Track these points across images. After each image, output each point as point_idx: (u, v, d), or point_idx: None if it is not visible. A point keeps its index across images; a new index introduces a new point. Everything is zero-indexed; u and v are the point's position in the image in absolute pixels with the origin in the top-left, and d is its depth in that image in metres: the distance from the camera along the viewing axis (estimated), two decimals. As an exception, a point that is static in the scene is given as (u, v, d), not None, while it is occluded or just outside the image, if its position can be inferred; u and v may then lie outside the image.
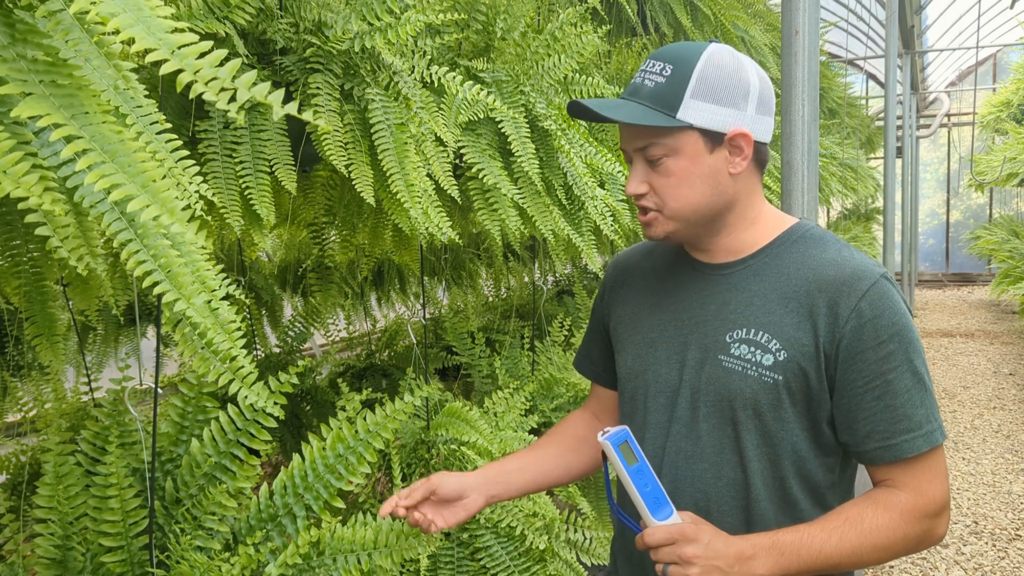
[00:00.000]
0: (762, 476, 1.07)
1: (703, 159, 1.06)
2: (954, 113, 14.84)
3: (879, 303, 1.02)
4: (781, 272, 1.09)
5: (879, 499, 1.04)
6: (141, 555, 1.31)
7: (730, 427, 1.08)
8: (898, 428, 1.02)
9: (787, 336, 1.05)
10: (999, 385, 6.69)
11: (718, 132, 1.06)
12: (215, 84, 0.63)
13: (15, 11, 0.69)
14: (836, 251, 1.08)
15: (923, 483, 1.04)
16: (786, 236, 1.12)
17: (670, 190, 1.07)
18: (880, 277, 1.04)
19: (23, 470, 1.73)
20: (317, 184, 1.82)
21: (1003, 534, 3.77)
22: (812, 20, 1.69)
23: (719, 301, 1.11)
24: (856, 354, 1.02)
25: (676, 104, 1.04)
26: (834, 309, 1.03)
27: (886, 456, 1.03)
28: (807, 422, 1.06)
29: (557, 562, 1.97)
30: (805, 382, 1.04)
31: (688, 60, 1.05)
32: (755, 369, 1.05)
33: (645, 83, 1.06)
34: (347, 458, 1.45)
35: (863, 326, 1.02)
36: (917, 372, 1.03)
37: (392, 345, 3.51)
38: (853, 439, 1.05)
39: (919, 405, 1.03)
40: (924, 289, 14.03)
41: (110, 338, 2.54)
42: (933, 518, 1.04)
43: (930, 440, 1.03)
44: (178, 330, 0.86)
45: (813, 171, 1.75)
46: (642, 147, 1.08)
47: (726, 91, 1.05)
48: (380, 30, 1.28)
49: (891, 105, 5.19)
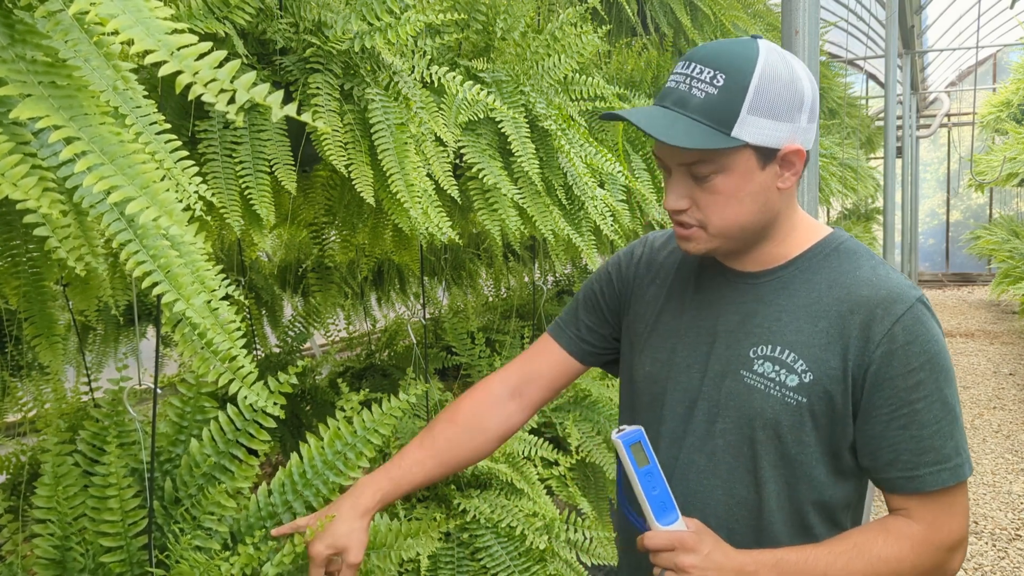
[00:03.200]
0: (777, 499, 1.03)
1: (754, 176, 1.00)
2: (954, 113, 14.83)
3: (913, 328, 0.98)
4: (812, 288, 1.03)
5: (892, 528, 1.00)
6: (140, 555, 1.31)
7: (747, 446, 1.04)
8: (923, 460, 0.98)
9: (815, 357, 1.00)
10: (999, 385, 6.69)
11: (772, 148, 0.99)
12: (214, 85, 0.63)
13: (14, 11, 0.69)
14: (871, 269, 1.03)
15: (941, 517, 0.99)
16: (819, 248, 1.07)
17: (717, 208, 1.01)
18: (916, 301, 0.99)
19: (22, 470, 1.73)
20: (317, 184, 1.82)
21: (1003, 534, 3.77)
22: (812, 20, 1.69)
23: (745, 312, 1.06)
24: (884, 380, 0.98)
25: (732, 121, 0.96)
26: (866, 332, 0.98)
27: (908, 487, 1.00)
28: (828, 447, 1.02)
29: (557, 562, 1.97)
30: (830, 406, 1.00)
31: (743, 69, 0.96)
32: (778, 389, 1.01)
33: (694, 92, 0.97)
34: (345, 454, 1.45)
35: (894, 352, 0.97)
36: (947, 403, 0.98)
37: (392, 345, 3.51)
38: (874, 465, 1.01)
39: (948, 437, 0.98)
40: (924, 289, 14.03)
41: (110, 338, 2.54)
42: (947, 551, 1.00)
43: (956, 475, 0.98)
44: (178, 330, 0.85)
45: (813, 171, 1.75)
46: (689, 163, 1.00)
47: (784, 105, 0.98)
48: (380, 30, 1.28)
49: (891, 105, 5.19)
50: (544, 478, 2.18)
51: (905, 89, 9.76)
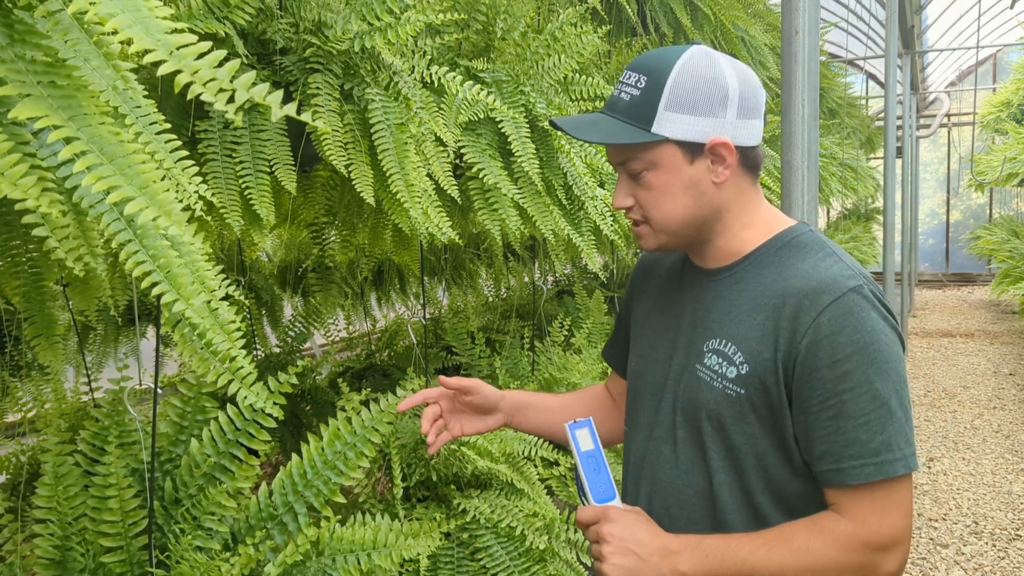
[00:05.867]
0: (728, 488, 1.05)
1: (683, 171, 1.04)
2: (954, 113, 14.83)
3: (840, 319, 0.96)
4: (759, 282, 1.06)
5: (819, 522, 1.00)
6: (140, 555, 1.31)
7: (699, 437, 1.07)
8: (848, 453, 0.96)
9: (751, 349, 1.02)
10: (999, 385, 6.69)
11: (696, 143, 1.03)
12: (213, 85, 0.63)
13: (14, 11, 0.69)
14: (814, 261, 1.03)
15: (869, 514, 0.97)
16: (773, 243, 1.09)
17: (652, 203, 1.06)
18: (848, 291, 0.98)
19: (23, 470, 1.73)
20: (317, 184, 1.82)
21: (1003, 534, 3.77)
22: (812, 20, 1.69)
23: (705, 308, 1.10)
24: (811, 371, 0.97)
25: (651, 117, 1.02)
26: (794, 323, 0.99)
27: (834, 480, 0.98)
28: (775, 437, 1.02)
29: (557, 562, 1.96)
30: (767, 397, 1.01)
31: (661, 70, 1.02)
32: (720, 381, 1.04)
33: (621, 96, 1.05)
34: (345, 454, 1.45)
35: (820, 342, 0.96)
36: (879, 395, 0.96)
37: (392, 345, 3.51)
38: (810, 457, 1.01)
39: (877, 431, 0.95)
40: (924, 289, 14.03)
41: (110, 338, 2.54)
42: (876, 552, 0.97)
43: (883, 470, 0.95)
44: (177, 330, 0.85)
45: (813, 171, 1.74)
46: (622, 161, 1.07)
47: (703, 99, 1.02)
48: (380, 30, 1.28)
49: (891, 105, 5.19)
50: (544, 478, 2.18)
51: (905, 89, 9.76)
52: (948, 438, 5.28)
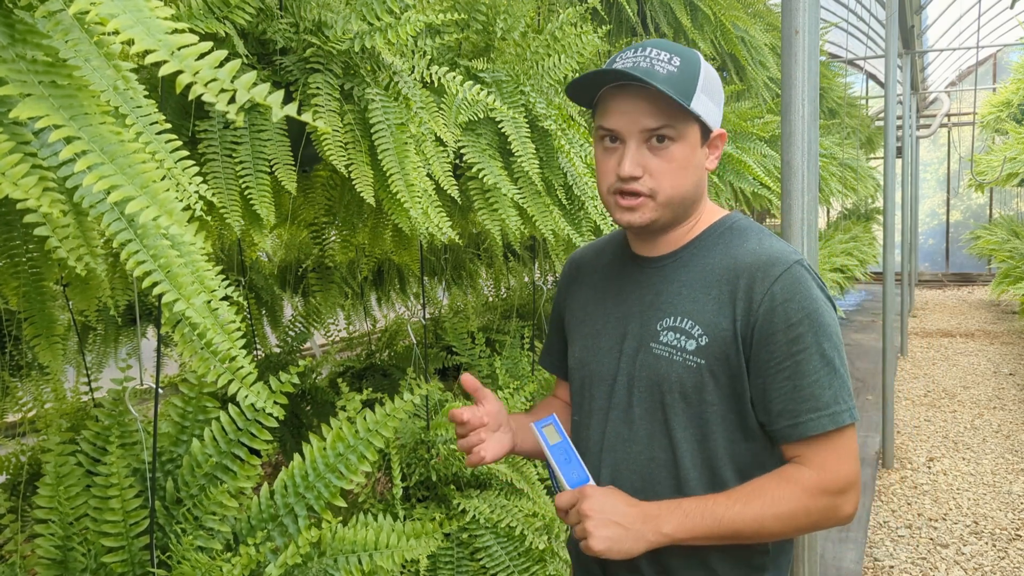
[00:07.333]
0: (691, 457, 1.12)
1: (697, 151, 1.12)
2: (954, 113, 14.84)
3: (791, 287, 1.07)
4: (708, 262, 1.14)
5: (784, 473, 1.09)
6: (142, 555, 1.31)
7: (660, 411, 1.13)
8: (804, 408, 1.06)
9: (708, 321, 1.10)
10: (999, 385, 6.69)
11: (709, 129, 1.12)
12: (214, 85, 0.63)
13: (15, 11, 0.69)
14: (757, 241, 1.13)
15: (828, 461, 1.07)
16: (714, 228, 1.18)
17: (669, 176, 1.10)
18: (794, 263, 1.09)
19: (23, 470, 1.73)
20: (317, 184, 1.82)
21: (1003, 534, 3.77)
22: (812, 20, 1.69)
23: (654, 292, 1.17)
24: (768, 336, 1.06)
25: (690, 94, 1.08)
26: (749, 294, 1.08)
27: (793, 434, 1.07)
28: (733, 404, 1.10)
29: (557, 562, 1.97)
30: (727, 365, 1.09)
31: (691, 57, 1.11)
32: (680, 354, 1.10)
33: (657, 68, 1.07)
34: (347, 457, 1.45)
35: (775, 309, 1.06)
36: (826, 355, 1.06)
37: (392, 345, 3.51)
38: (768, 418, 1.09)
39: (826, 387, 1.06)
40: (924, 289, 14.03)
41: (110, 338, 2.54)
42: (836, 495, 1.07)
43: (835, 420, 1.06)
44: (178, 330, 0.85)
45: (813, 171, 1.74)
46: (655, 127, 1.08)
47: (718, 92, 1.13)
48: (380, 30, 1.28)
49: (891, 105, 5.19)
50: (544, 478, 2.18)
51: (905, 89, 9.76)
52: (948, 438, 5.28)
